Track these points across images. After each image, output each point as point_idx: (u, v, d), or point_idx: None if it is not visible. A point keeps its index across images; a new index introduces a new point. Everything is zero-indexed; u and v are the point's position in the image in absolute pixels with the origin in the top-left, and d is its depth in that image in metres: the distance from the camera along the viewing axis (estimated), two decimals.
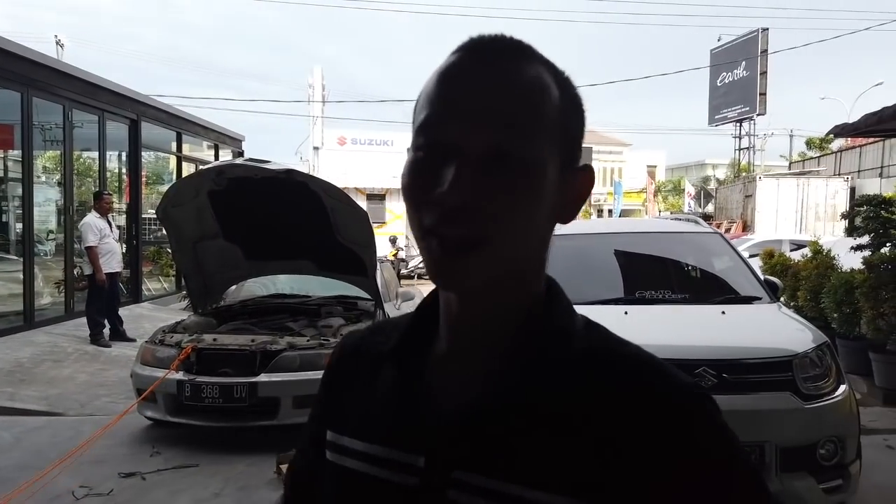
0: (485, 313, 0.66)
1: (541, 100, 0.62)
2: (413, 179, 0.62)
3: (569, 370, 0.63)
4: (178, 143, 12.98)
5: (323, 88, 34.47)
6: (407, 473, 0.65)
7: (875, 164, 20.72)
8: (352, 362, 0.78)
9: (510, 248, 0.61)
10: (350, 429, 0.72)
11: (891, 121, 7.47)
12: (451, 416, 0.64)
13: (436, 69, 0.65)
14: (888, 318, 6.07)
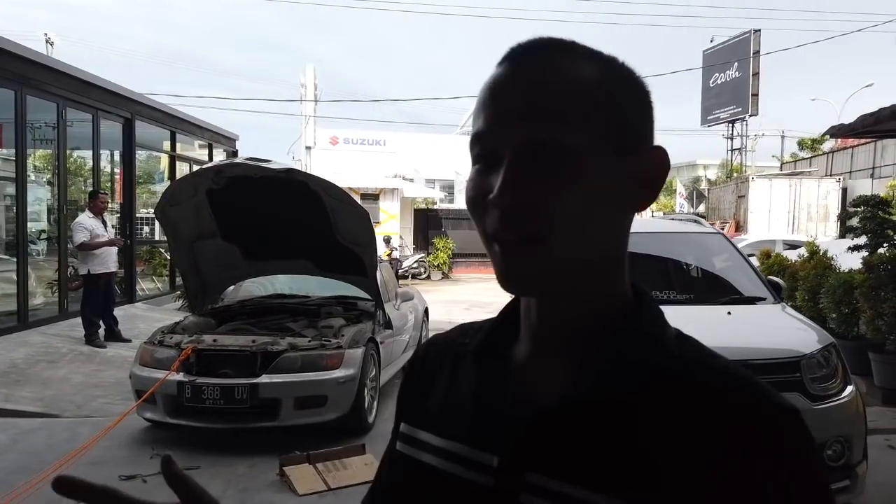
0: (563, 316, 0.65)
1: (575, 88, 0.61)
2: (471, 191, 0.63)
3: (655, 379, 0.60)
4: (173, 142, 12.88)
5: (315, 88, 34.34)
6: (481, 472, 0.64)
7: (867, 165, 20.86)
8: (436, 361, 0.78)
9: (566, 244, 0.60)
10: (427, 424, 0.72)
11: (888, 121, 7.50)
12: (527, 418, 0.63)
13: (488, 79, 0.65)
14: (887, 318, 6.10)
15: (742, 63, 25.59)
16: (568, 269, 0.61)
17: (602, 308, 0.65)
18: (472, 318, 4.49)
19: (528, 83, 0.61)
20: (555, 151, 0.59)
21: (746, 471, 0.54)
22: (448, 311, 12.41)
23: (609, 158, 0.60)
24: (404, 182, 22.57)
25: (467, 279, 20.46)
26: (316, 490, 4.25)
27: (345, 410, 5.15)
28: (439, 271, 20.50)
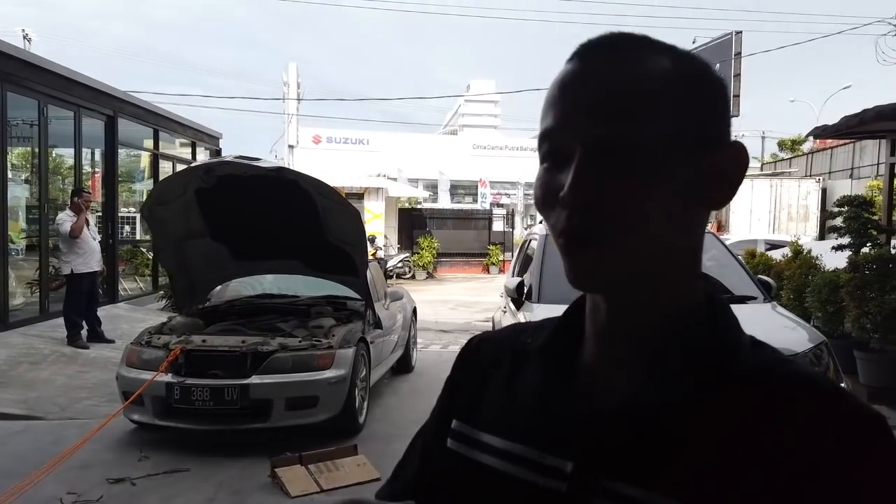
0: (634, 318, 0.63)
1: (647, 84, 0.59)
2: (540, 190, 0.63)
3: (733, 386, 0.59)
4: (156, 141, 12.71)
5: (298, 86, 34.16)
6: (551, 476, 0.63)
7: (846, 166, 21.15)
8: (490, 359, 0.76)
9: (637, 242, 0.59)
10: (485, 423, 0.71)
11: (872, 122, 7.61)
12: (600, 423, 0.62)
13: (554, 78, 0.64)
14: (872, 316, 6.18)
15: (724, 64, 25.81)
16: (638, 268, 0.60)
17: (674, 311, 0.63)
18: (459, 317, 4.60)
19: (600, 80, 0.60)
20: (626, 149, 0.58)
21: (832, 479, 0.53)
22: (435, 310, 12.40)
23: (683, 156, 0.59)
24: (389, 181, 22.51)
25: (452, 279, 20.46)
26: (309, 492, 4.21)
27: (336, 411, 5.12)
28: (424, 271, 20.47)
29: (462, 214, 22.97)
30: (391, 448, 5.11)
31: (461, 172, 35.46)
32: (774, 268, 8.37)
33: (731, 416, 0.57)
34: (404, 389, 6.97)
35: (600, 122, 0.58)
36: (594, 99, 0.59)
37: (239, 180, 5.36)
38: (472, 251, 21.80)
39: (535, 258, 5.06)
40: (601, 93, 0.59)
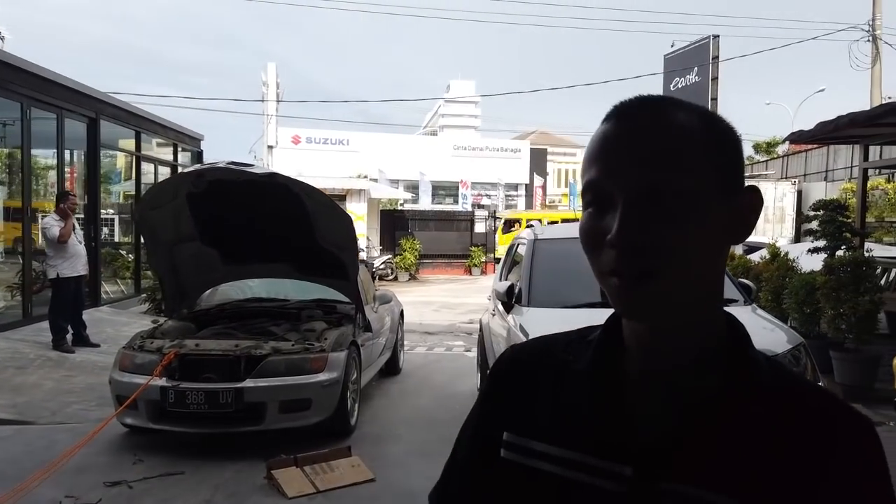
0: (674, 341, 0.72)
1: (684, 139, 0.69)
2: (588, 231, 0.70)
3: (761, 396, 0.70)
4: (137, 142, 12.64)
5: (277, 86, 34.01)
6: (612, 480, 0.71)
7: (820, 168, 21.62)
8: (531, 371, 0.83)
9: (680, 277, 0.67)
10: (538, 433, 0.77)
11: (846, 128, 7.86)
12: (654, 431, 0.70)
13: (595, 133, 0.73)
14: (847, 317, 6.39)
15: (702, 68, 26.21)
16: (681, 300, 0.69)
17: (707, 332, 0.72)
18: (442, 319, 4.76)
19: (643, 136, 0.69)
20: (670, 195, 0.66)
21: (838, 472, 0.66)
22: (419, 312, 12.48)
23: (716, 200, 0.68)
24: (370, 183, 22.52)
25: (434, 280, 20.55)
26: (305, 492, 4.28)
27: (329, 413, 5.19)
28: (406, 272, 20.52)
29: (444, 216, 23.05)
30: (383, 449, 5.21)
31: (442, 173, 35.58)
32: (753, 270, 8.58)
33: (763, 422, 0.68)
34: (393, 391, 7.06)
35: (646, 172, 0.67)
36: (640, 153, 0.68)
37: (230, 185, 5.41)
38: (455, 252, 21.90)
39: (525, 263, 5.17)
40: (646, 148, 0.68)
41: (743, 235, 0.73)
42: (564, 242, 5.31)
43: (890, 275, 8.07)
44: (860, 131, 8.60)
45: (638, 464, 0.70)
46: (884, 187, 16.21)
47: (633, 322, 0.74)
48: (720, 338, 0.73)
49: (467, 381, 7.35)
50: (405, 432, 5.63)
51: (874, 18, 19.09)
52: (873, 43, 19.06)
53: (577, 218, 0.81)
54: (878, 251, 8.55)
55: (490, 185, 38.13)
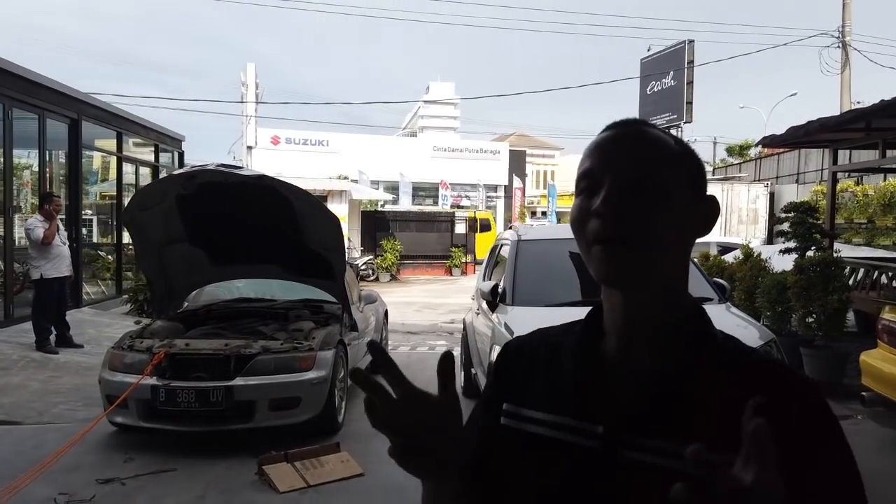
0: (644, 316, 0.86)
1: (666, 151, 0.85)
2: (579, 208, 0.85)
3: (719, 366, 0.84)
4: (119, 143, 12.60)
5: (257, 87, 33.89)
6: (587, 437, 0.85)
7: (792, 171, 22.12)
8: (528, 354, 0.99)
9: (653, 246, 0.82)
10: (531, 402, 0.93)
11: (816, 133, 8.14)
12: (624, 395, 0.85)
13: (592, 140, 0.89)
14: (817, 315, 6.65)
15: (677, 72, 26.65)
16: (650, 270, 0.83)
17: (673, 311, 0.87)
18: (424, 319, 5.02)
19: (634, 143, 0.85)
20: (651, 187, 0.82)
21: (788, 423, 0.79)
22: (401, 313, 12.59)
23: (685, 199, 0.84)
24: (351, 184, 22.57)
25: (415, 281, 20.66)
26: (296, 487, 4.39)
27: (317, 411, 5.29)
28: (387, 273, 20.61)
29: (425, 217, 23.16)
30: (370, 446, 5.31)
31: (421, 174, 35.67)
32: (727, 270, 8.84)
33: (720, 385, 0.82)
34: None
35: (634, 168, 0.82)
36: (631, 154, 0.84)
37: (220, 187, 5.49)
38: (435, 253, 22.03)
39: (508, 263, 5.33)
40: (636, 152, 0.84)
41: (703, 231, 0.88)
42: (546, 243, 5.49)
43: (858, 275, 8.37)
44: (830, 136, 8.91)
45: (609, 423, 0.84)
46: (853, 190, 16.66)
47: (611, 296, 0.88)
48: (686, 317, 0.88)
49: None
50: None
51: (844, 25, 19.60)
52: (843, 49, 19.57)
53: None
54: (846, 252, 8.87)
55: (470, 187, 38.30)
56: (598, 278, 0.85)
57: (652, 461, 0.80)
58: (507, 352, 1.05)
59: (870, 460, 5.02)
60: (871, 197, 15.78)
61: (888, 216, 15.00)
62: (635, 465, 0.81)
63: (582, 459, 0.85)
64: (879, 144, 8.50)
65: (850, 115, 8.03)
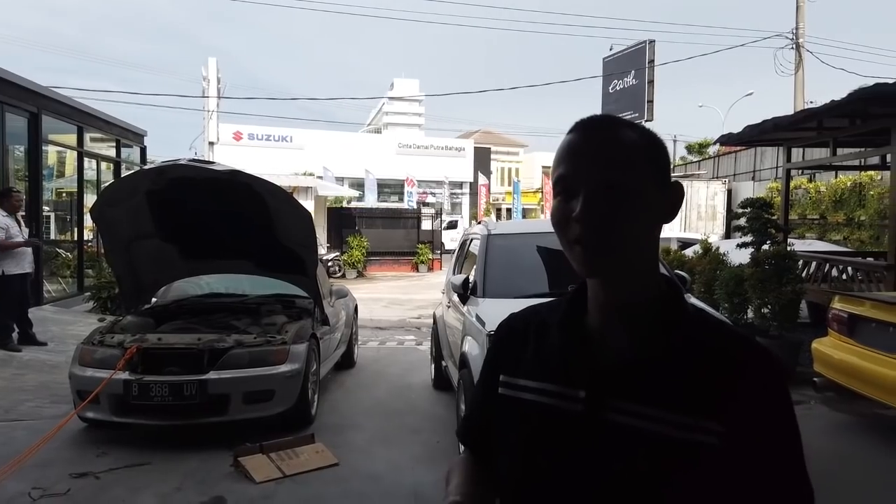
0: (623, 296, 0.97)
1: (631, 148, 0.95)
2: (558, 213, 0.95)
3: (687, 335, 0.95)
4: (80, 138, 12.37)
5: (218, 82, 33.42)
6: (572, 402, 0.96)
7: (749, 169, 22.76)
8: (521, 329, 1.11)
9: (626, 245, 0.93)
10: (524, 373, 1.04)
11: (771, 132, 8.46)
12: (605, 364, 0.95)
13: (562, 141, 0.98)
14: (772, 306, 6.94)
15: (638, 71, 27.16)
16: (630, 263, 0.94)
17: (648, 290, 0.98)
18: (392, 315, 5.26)
19: (600, 143, 0.94)
20: (620, 187, 0.91)
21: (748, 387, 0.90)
22: (368, 309, 12.64)
23: (652, 192, 0.94)
24: (317, 180, 22.47)
25: (382, 277, 20.70)
26: (272, 477, 4.46)
27: (291, 404, 5.35)
28: (354, 269, 20.61)
29: (391, 213, 23.19)
30: (342, 437, 5.41)
31: (387, 171, 35.62)
32: (687, 264, 9.14)
33: (690, 352, 0.93)
34: (348, 384, 7.24)
35: (603, 171, 0.91)
36: (599, 157, 0.92)
37: (191, 182, 5.50)
38: (402, 250, 22.08)
39: (479, 257, 5.46)
40: (603, 154, 0.92)
41: (670, 217, 0.98)
42: (516, 237, 5.63)
43: (810, 267, 8.74)
44: (784, 135, 9.27)
45: (590, 388, 0.95)
46: (806, 187, 17.26)
47: (593, 281, 0.99)
48: (659, 292, 0.98)
49: (421, 373, 7.60)
50: (364, 421, 5.84)
51: (797, 27, 20.25)
52: (797, 50, 20.22)
53: None
54: (799, 246, 9.24)
55: (435, 184, 38.38)
56: (580, 273, 0.95)
57: (629, 422, 0.91)
58: (501, 328, 1.17)
59: (822, 442, 5.30)
60: (822, 194, 16.38)
61: (839, 212, 15.60)
62: (615, 426, 0.92)
63: (567, 422, 0.96)
64: (830, 143, 8.87)
65: (802, 114, 8.37)
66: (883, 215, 13.39)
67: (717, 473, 0.88)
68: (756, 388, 0.91)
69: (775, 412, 0.91)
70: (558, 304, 1.08)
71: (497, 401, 1.08)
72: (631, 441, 0.91)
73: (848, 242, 14.46)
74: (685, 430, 0.89)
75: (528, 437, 1.00)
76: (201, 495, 4.24)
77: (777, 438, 0.91)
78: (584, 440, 0.94)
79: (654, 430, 0.90)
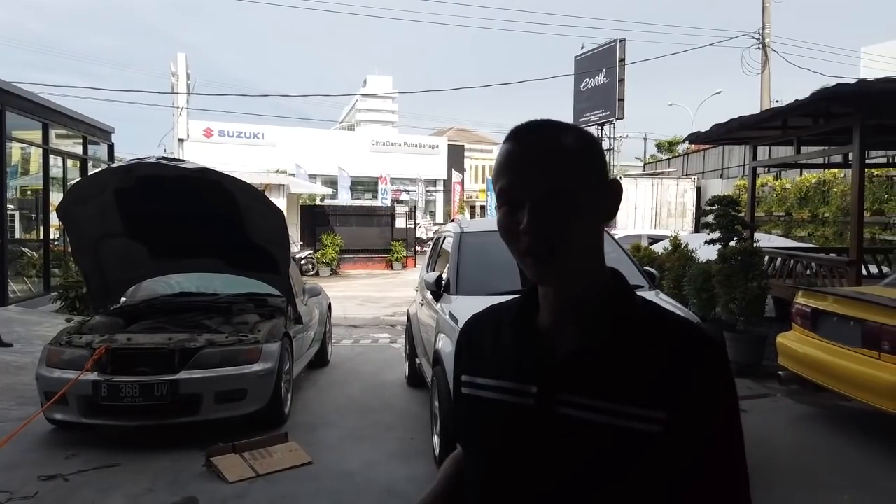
0: (572, 294, 1.00)
1: (568, 152, 0.97)
2: (505, 225, 0.97)
3: (635, 328, 0.98)
4: (45, 135, 12.12)
5: (188, 78, 32.96)
6: (525, 397, 0.98)
7: (717, 166, 23.16)
8: (480, 330, 1.14)
9: (574, 250, 0.95)
10: (483, 371, 1.08)
11: (738, 130, 8.62)
12: (556, 359, 0.98)
13: (500, 150, 1.00)
14: (739, 302, 7.09)
15: (609, 70, 27.43)
16: (575, 265, 0.97)
17: (595, 286, 1.01)
18: (366, 313, 5.33)
19: (540, 151, 0.95)
20: (564, 193, 0.92)
21: (695, 379, 0.92)
22: (343, 307, 12.59)
23: (593, 192, 0.95)
24: (289, 178, 22.31)
25: (356, 275, 20.62)
26: (245, 477, 4.44)
27: (264, 403, 5.33)
28: (328, 267, 20.51)
29: (365, 211, 23.11)
30: (315, 436, 5.40)
31: (360, 169, 35.49)
32: (657, 260, 9.28)
33: (636, 346, 0.96)
34: (323, 382, 7.23)
35: (545, 179, 0.92)
36: (539, 165, 0.93)
37: (159, 180, 5.43)
38: (376, 247, 22.03)
39: (452, 255, 5.49)
40: (543, 159, 0.94)
41: (613, 214, 1.01)
42: (488, 235, 5.67)
43: (776, 263, 8.93)
44: (750, 133, 9.45)
45: (542, 383, 0.97)
46: (772, 184, 17.61)
47: (544, 285, 1.02)
48: (606, 288, 1.01)
49: (395, 371, 7.61)
50: (338, 419, 5.84)
51: (763, 28, 20.64)
52: (763, 50, 20.61)
53: None
54: (765, 242, 9.44)
55: (409, 181, 38.35)
56: (532, 279, 0.98)
57: (578, 415, 0.94)
58: (464, 330, 1.20)
59: (786, 433, 5.45)
60: (788, 191, 16.73)
61: (804, 209, 15.95)
62: (565, 419, 0.95)
63: (522, 418, 0.99)
64: (795, 141, 9.07)
65: (767, 113, 8.55)
66: (846, 212, 13.74)
67: (663, 461, 0.91)
68: (697, 374, 0.93)
69: (716, 398, 0.93)
70: (513, 304, 1.11)
71: (462, 401, 1.11)
72: (580, 433, 0.94)
73: (812, 239, 14.80)
74: (631, 420, 0.91)
75: (488, 434, 1.03)
76: (173, 495, 4.21)
77: (717, 424, 0.93)
78: (539, 434, 0.96)
79: (602, 421, 0.92)
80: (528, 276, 0.98)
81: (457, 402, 1.15)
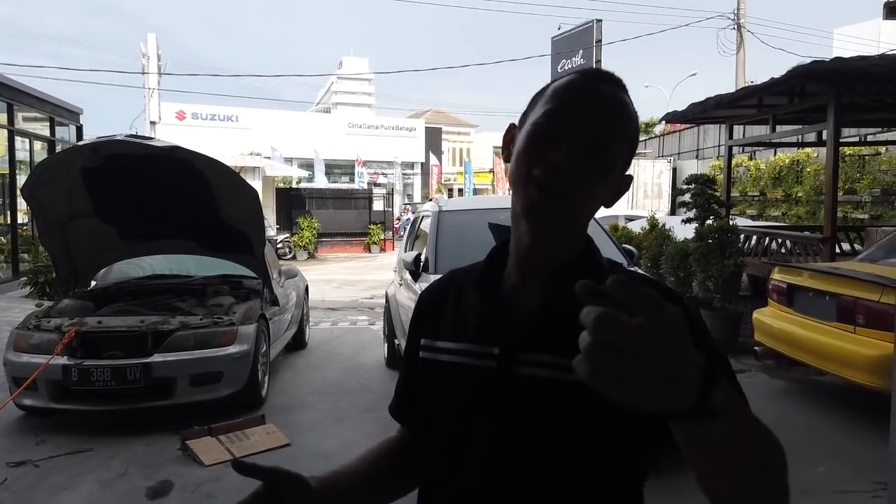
0: (548, 249, 0.96)
1: (628, 117, 0.94)
2: (535, 141, 0.91)
3: None
4: (10, 116, 11.78)
5: (159, 59, 32.24)
6: (486, 359, 0.95)
7: (692, 147, 23.29)
8: (440, 294, 1.09)
9: (580, 207, 0.93)
10: (442, 335, 1.03)
11: (713, 110, 8.65)
12: (519, 319, 0.95)
13: (564, 80, 0.95)
14: (715, 279, 7.14)
15: (586, 51, 27.37)
16: (571, 219, 0.94)
17: (570, 248, 0.98)
18: (344, 295, 5.24)
19: (604, 98, 0.91)
20: (606, 153, 0.90)
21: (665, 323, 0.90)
22: (320, 290, 12.49)
23: (619, 172, 0.94)
24: (265, 160, 22.00)
25: (334, 258, 20.49)
26: (222, 460, 4.37)
27: (240, 385, 5.25)
28: (305, 251, 20.33)
29: (342, 194, 22.93)
30: (292, 418, 5.35)
31: (336, 152, 35.14)
32: (634, 239, 9.31)
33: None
34: (299, 365, 7.16)
35: (597, 125, 0.89)
36: (601, 110, 0.90)
37: (128, 159, 5.29)
38: (353, 231, 21.89)
39: (430, 234, 5.43)
40: (606, 108, 0.90)
41: (614, 201, 0.97)
42: (466, 213, 5.62)
43: (751, 241, 9.01)
44: (726, 112, 9.49)
45: (504, 344, 0.94)
46: (747, 164, 17.77)
47: (521, 226, 0.95)
48: (578, 251, 0.98)
49: (374, 353, 7.57)
50: (316, 401, 5.78)
51: (739, 8, 20.70)
52: (738, 31, 20.69)
53: None
54: (740, 221, 9.52)
55: (386, 164, 38.10)
56: (522, 210, 0.92)
57: (540, 374, 0.91)
58: (422, 296, 1.15)
59: (762, 408, 5.46)
60: (762, 171, 16.90)
61: (778, 188, 16.13)
62: (527, 378, 0.91)
63: (483, 380, 0.95)
64: (770, 120, 9.12)
65: (742, 92, 8.58)
66: (819, 191, 13.91)
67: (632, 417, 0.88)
68: None
69: None
70: (476, 266, 1.07)
71: (419, 366, 1.06)
72: (543, 392, 0.91)
73: (786, 218, 14.98)
74: None
75: (447, 399, 0.99)
76: (147, 479, 4.14)
77: None
78: (501, 396, 0.93)
79: (564, 378, 0.87)
80: (520, 203, 0.92)
81: (410, 370, 1.10)
